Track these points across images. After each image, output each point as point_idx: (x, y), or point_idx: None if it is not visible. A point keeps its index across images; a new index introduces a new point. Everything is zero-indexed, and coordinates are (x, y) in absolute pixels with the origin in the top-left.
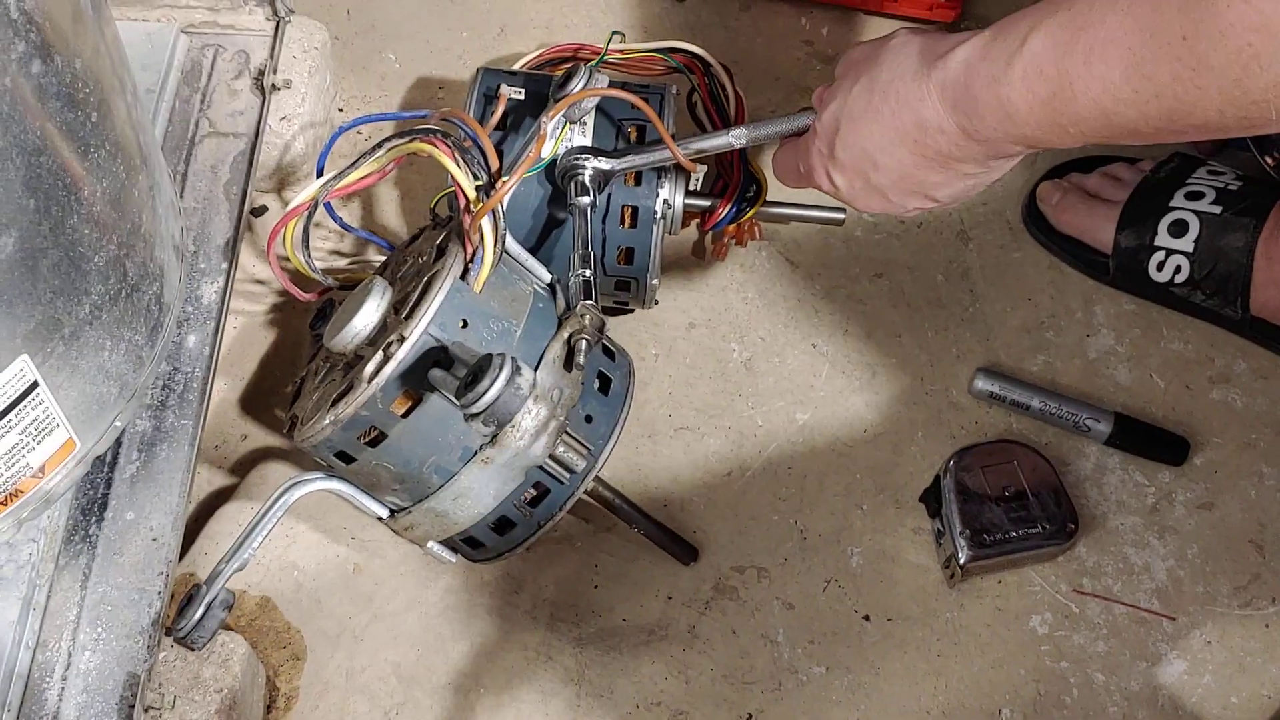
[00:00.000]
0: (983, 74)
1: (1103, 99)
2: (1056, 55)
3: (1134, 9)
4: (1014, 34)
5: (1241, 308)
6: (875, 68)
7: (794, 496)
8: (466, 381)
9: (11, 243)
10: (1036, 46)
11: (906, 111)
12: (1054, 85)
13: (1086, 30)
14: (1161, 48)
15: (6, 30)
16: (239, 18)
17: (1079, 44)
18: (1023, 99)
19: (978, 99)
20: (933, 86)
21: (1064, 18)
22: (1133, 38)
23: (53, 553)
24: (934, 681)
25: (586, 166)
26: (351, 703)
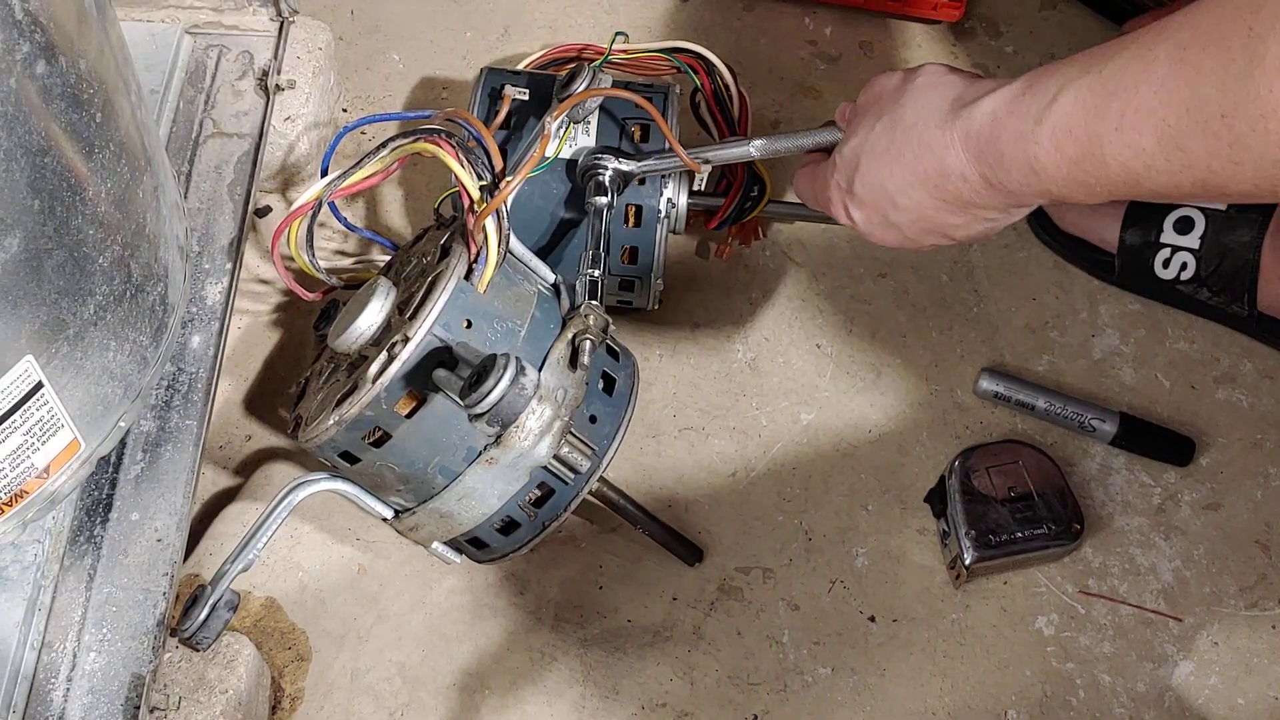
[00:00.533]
0: (1010, 129)
1: (1133, 164)
2: (1087, 118)
3: (1170, 81)
4: (1044, 91)
5: (1248, 304)
6: (899, 107)
7: (799, 497)
8: (471, 382)
9: (16, 243)
10: (1066, 106)
11: (929, 157)
12: (1083, 147)
13: (1119, 96)
14: (1197, 123)
15: (11, 31)
16: (243, 18)
17: (1111, 109)
18: (1050, 158)
19: (1003, 153)
20: (957, 135)
21: (1095, 80)
22: (1167, 109)
23: (58, 553)
24: (939, 683)
25: (607, 167)
26: (356, 703)
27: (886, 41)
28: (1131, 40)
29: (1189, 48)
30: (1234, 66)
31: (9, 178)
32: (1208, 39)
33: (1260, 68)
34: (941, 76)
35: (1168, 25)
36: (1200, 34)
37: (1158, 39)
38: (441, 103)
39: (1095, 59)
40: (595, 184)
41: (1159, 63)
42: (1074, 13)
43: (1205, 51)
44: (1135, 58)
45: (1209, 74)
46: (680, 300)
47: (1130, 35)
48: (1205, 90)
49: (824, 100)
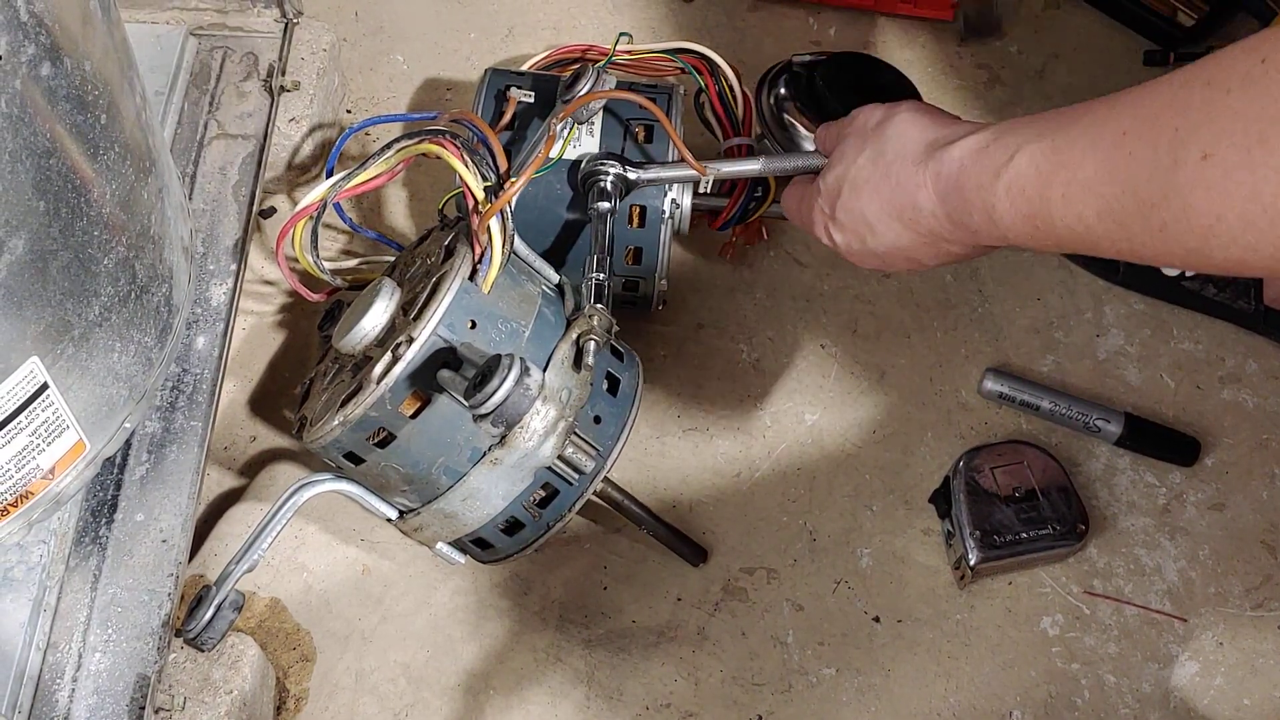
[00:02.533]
0: (973, 177)
1: (1078, 229)
2: (1038, 181)
3: (1110, 163)
4: (1005, 148)
5: (1255, 299)
6: (882, 141)
7: (803, 497)
8: (475, 382)
9: (21, 245)
10: (1022, 166)
11: (903, 194)
12: (1034, 207)
13: (1066, 168)
14: (1132, 206)
15: (17, 33)
16: (247, 20)
17: (1058, 178)
18: (1006, 210)
19: (967, 199)
20: (929, 176)
21: (1049, 147)
22: (1107, 188)
23: (63, 554)
24: (944, 683)
25: (608, 173)
26: (361, 704)
27: (890, 42)
28: (1086, 111)
29: (1129, 133)
30: (1162, 161)
31: (14, 179)
32: (1144, 128)
33: (1183, 169)
34: (920, 116)
35: (1119, 102)
36: (1139, 121)
37: (1109, 115)
38: (446, 104)
39: (1053, 125)
40: (597, 190)
41: (1104, 142)
42: (1076, 12)
43: (1141, 140)
44: (1085, 131)
45: (1142, 163)
46: (684, 301)
47: (1089, 105)
48: (1138, 177)
49: None
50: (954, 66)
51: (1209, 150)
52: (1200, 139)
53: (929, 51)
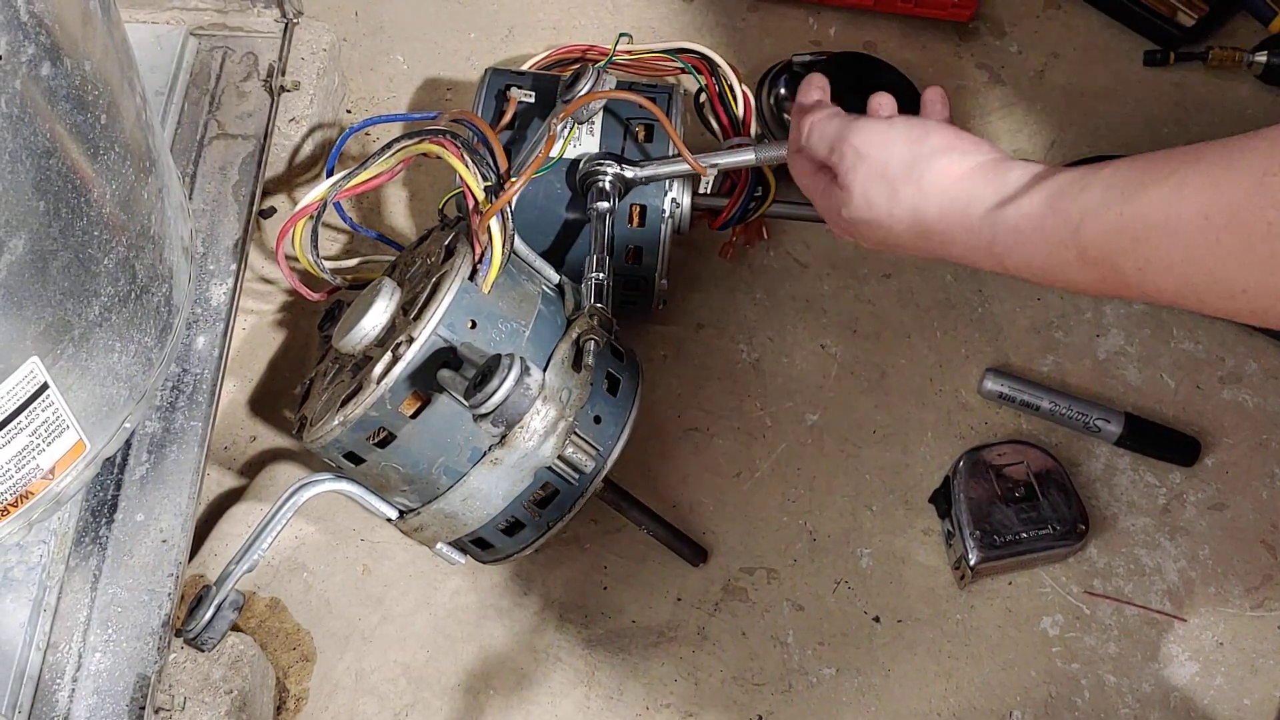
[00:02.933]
0: (1037, 248)
1: (1151, 293)
2: (1110, 252)
3: (1194, 247)
4: (1067, 218)
5: None
6: (922, 195)
7: (803, 497)
8: (475, 382)
9: (21, 245)
10: (1091, 236)
11: (950, 249)
12: (1105, 271)
13: (1144, 243)
14: (1220, 288)
15: (17, 33)
16: (247, 20)
17: (1132, 254)
18: (1074, 274)
19: (1030, 262)
20: (982, 244)
21: (1116, 219)
22: (1189, 268)
23: (63, 554)
24: (944, 683)
25: (607, 173)
26: (361, 704)
27: (891, 42)
28: (1152, 175)
29: (1211, 216)
30: (1258, 253)
31: (14, 179)
32: (1231, 217)
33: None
34: (958, 157)
35: (1191, 176)
36: (1223, 209)
37: (1180, 193)
38: (446, 104)
39: (1115, 189)
40: (596, 190)
41: (1183, 224)
42: (1077, 12)
43: (1229, 231)
44: (1159, 207)
45: (1231, 253)
46: (684, 301)
47: (1150, 165)
48: (1228, 266)
49: None
50: (954, 66)
51: None
52: None
53: (929, 52)
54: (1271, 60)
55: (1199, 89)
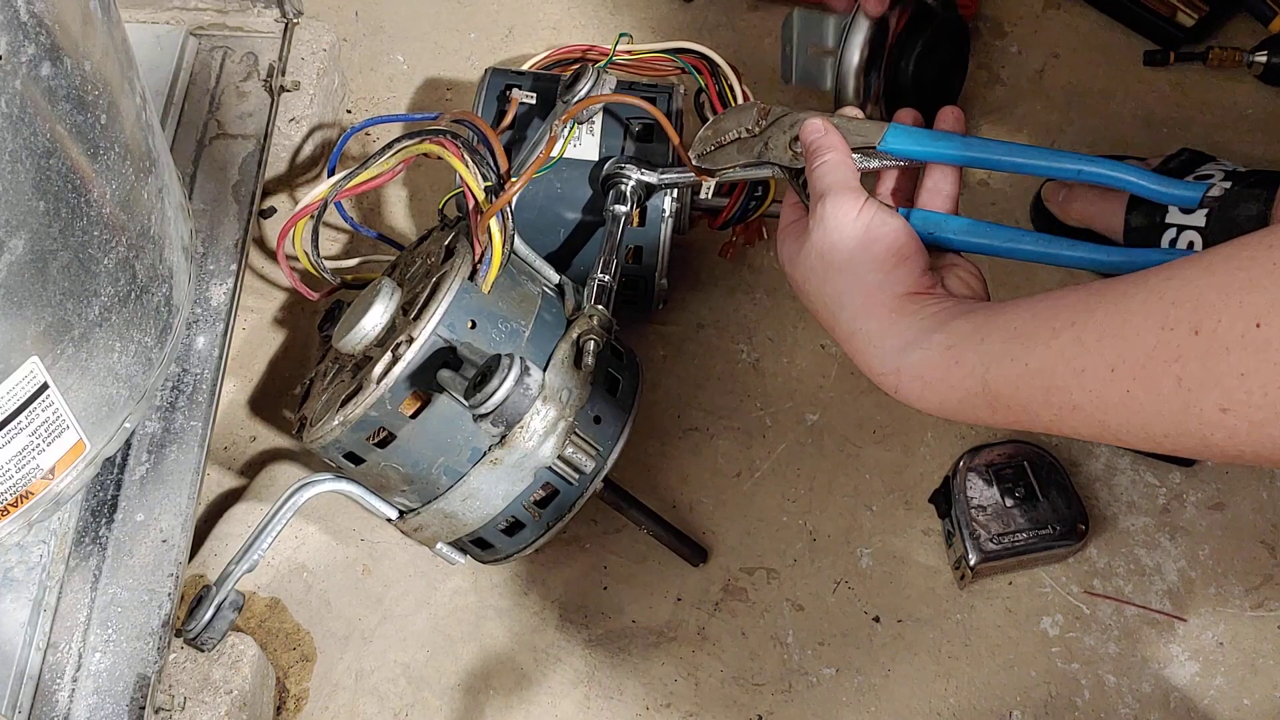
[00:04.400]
0: (943, 395)
1: (1068, 433)
2: (1023, 401)
3: (1105, 399)
4: (968, 369)
5: None
6: (840, 305)
7: (803, 497)
8: (475, 382)
9: (21, 245)
10: (999, 388)
11: (863, 360)
12: (1019, 417)
13: (1055, 393)
14: (1140, 434)
15: (16, 33)
16: (247, 19)
17: (1045, 404)
18: (985, 418)
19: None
20: (891, 375)
21: (1022, 371)
22: (1107, 417)
23: (63, 554)
24: (944, 683)
25: (630, 178)
26: (361, 704)
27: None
28: (1053, 329)
29: (1117, 369)
30: (1170, 407)
31: (14, 179)
32: (1138, 372)
33: (1198, 417)
34: (885, 290)
35: (1088, 330)
36: (1128, 362)
37: (1081, 346)
38: (446, 104)
39: (1019, 342)
40: (616, 193)
41: (1089, 377)
42: (1077, 12)
43: (1136, 382)
44: (1064, 360)
45: (1144, 403)
46: (684, 300)
47: (1051, 316)
48: (1146, 416)
49: (828, 100)
50: None
51: (1225, 405)
52: (1210, 398)
53: None
54: (1272, 60)
55: (1199, 89)
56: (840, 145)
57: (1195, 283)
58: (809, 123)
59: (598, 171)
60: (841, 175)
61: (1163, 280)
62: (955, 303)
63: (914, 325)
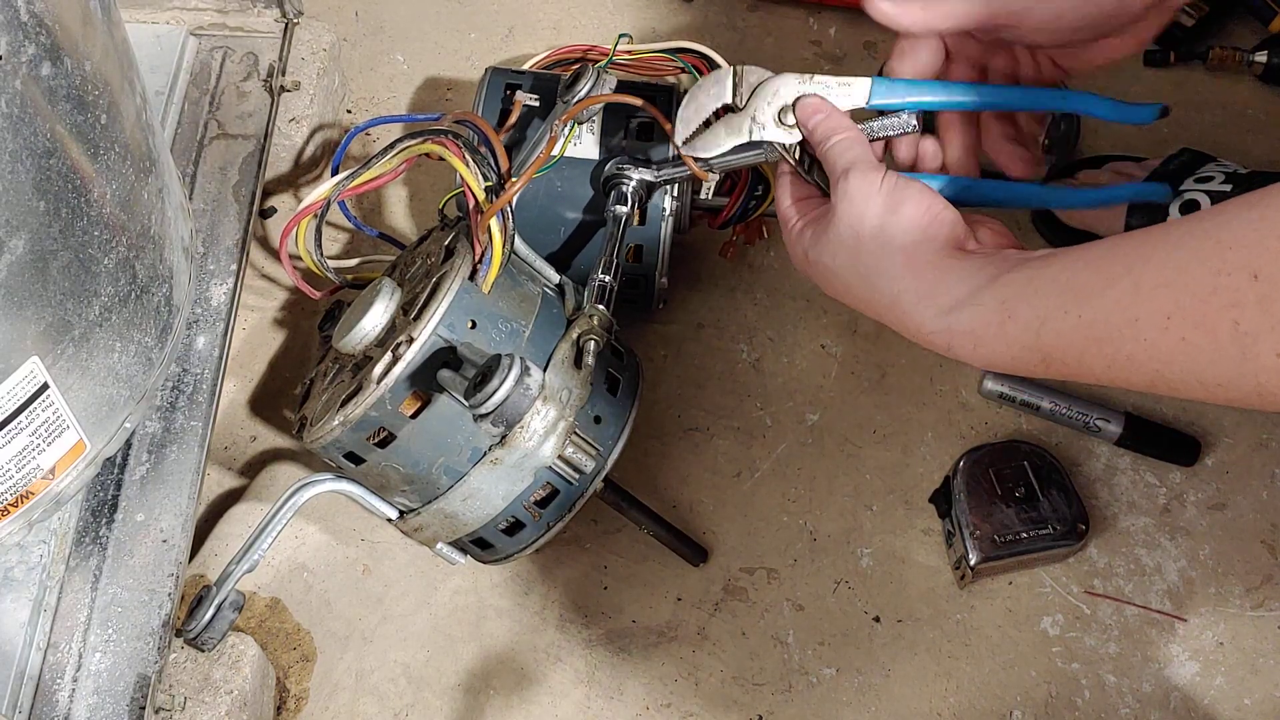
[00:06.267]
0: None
1: (1121, 383)
2: (1074, 355)
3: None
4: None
5: None
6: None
7: (803, 497)
8: (475, 382)
9: (22, 245)
10: (1051, 342)
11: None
12: (1073, 371)
13: (1108, 343)
14: (1193, 382)
15: (17, 33)
16: (247, 20)
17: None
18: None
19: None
20: (939, 339)
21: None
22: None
23: (63, 554)
24: (945, 683)
25: (631, 178)
26: (361, 704)
27: (891, 42)
28: (1108, 279)
29: (1174, 317)
30: (1227, 353)
31: (14, 179)
32: (1194, 319)
33: (1255, 362)
34: (922, 248)
35: (1144, 279)
36: (1184, 309)
37: (1136, 295)
38: (446, 104)
39: (1073, 293)
40: (617, 194)
41: (1146, 326)
42: None
43: (1193, 330)
44: (1119, 310)
45: (1203, 351)
46: (684, 300)
47: (1105, 266)
48: (1199, 364)
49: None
50: None
51: None
52: (1267, 343)
53: None
54: (1272, 60)
55: (1199, 89)
56: (845, 120)
57: (1254, 226)
58: (805, 103)
59: (599, 172)
60: (857, 151)
61: (1218, 225)
62: (1001, 256)
63: (962, 281)
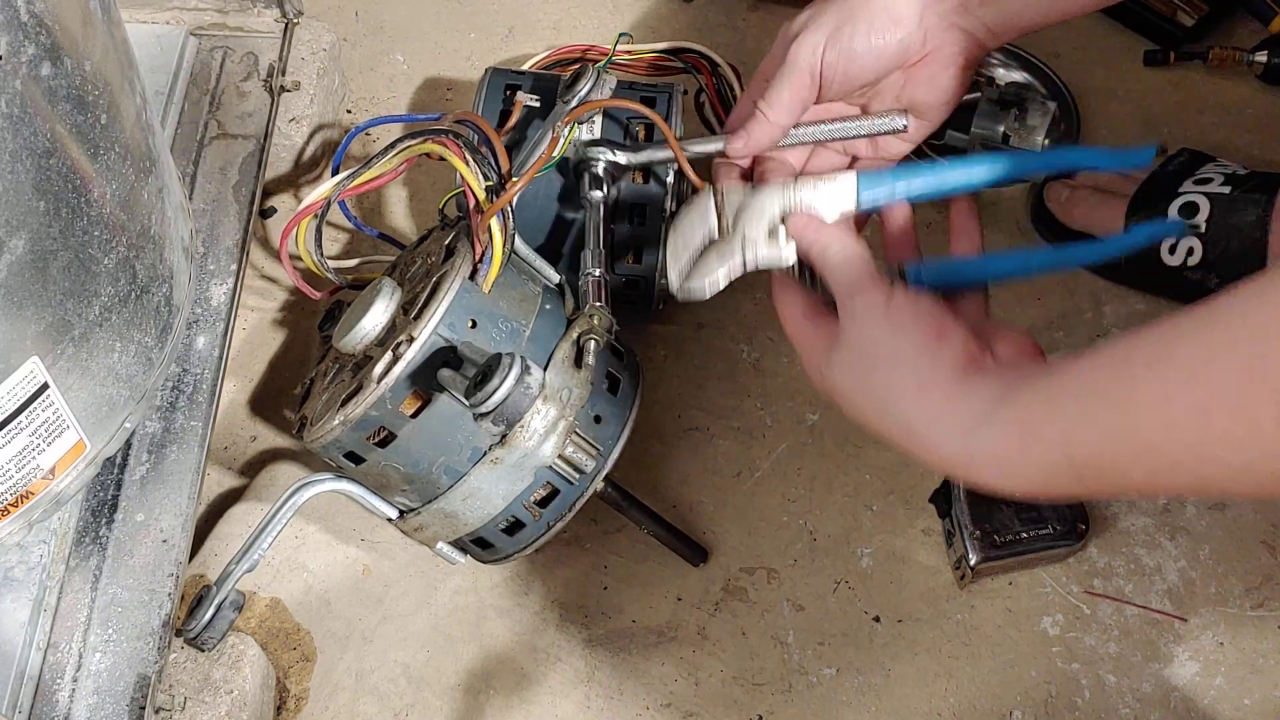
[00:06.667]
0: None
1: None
2: (1106, 464)
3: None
4: (1050, 442)
5: None
6: (889, 386)
7: (803, 497)
8: (476, 381)
9: (22, 245)
10: (1082, 454)
11: (915, 449)
12: (1107, 479)
13: (1146, 455)
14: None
15: (17, 33)
16: (247, 20)
17: (1135, 464)
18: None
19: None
20: (959, 463)
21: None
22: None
23: (63, 554)
24: (945, 683)
25: (600, 159)
26: (361, 704)
27: None
28: (1132, 379)
29: (1211, 410)
30: (1274, 440)
31: (14, 179)
32: (1233, 409)
33: None
34: (933, 370)
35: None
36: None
37: (1165, 391)
38: (446, 104)
39: (1096, 399)
40: (590, 177)
41: (1182, 425)
42: None
43: (1238, 420)
44: (1151, 413)
45: (1244, 441)
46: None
47: (1125, 367)
48: (1246, 456)
49: None
50: None
51: None
52: None
53: None
54: (1272, 60)
55: (1199, 89)
56: (838, 234)
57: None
58: (795, 221)
59: (567, 164)
60: (857, 268)
61: (1244, 306)
62: (1014, 369)
63: (977, 402)
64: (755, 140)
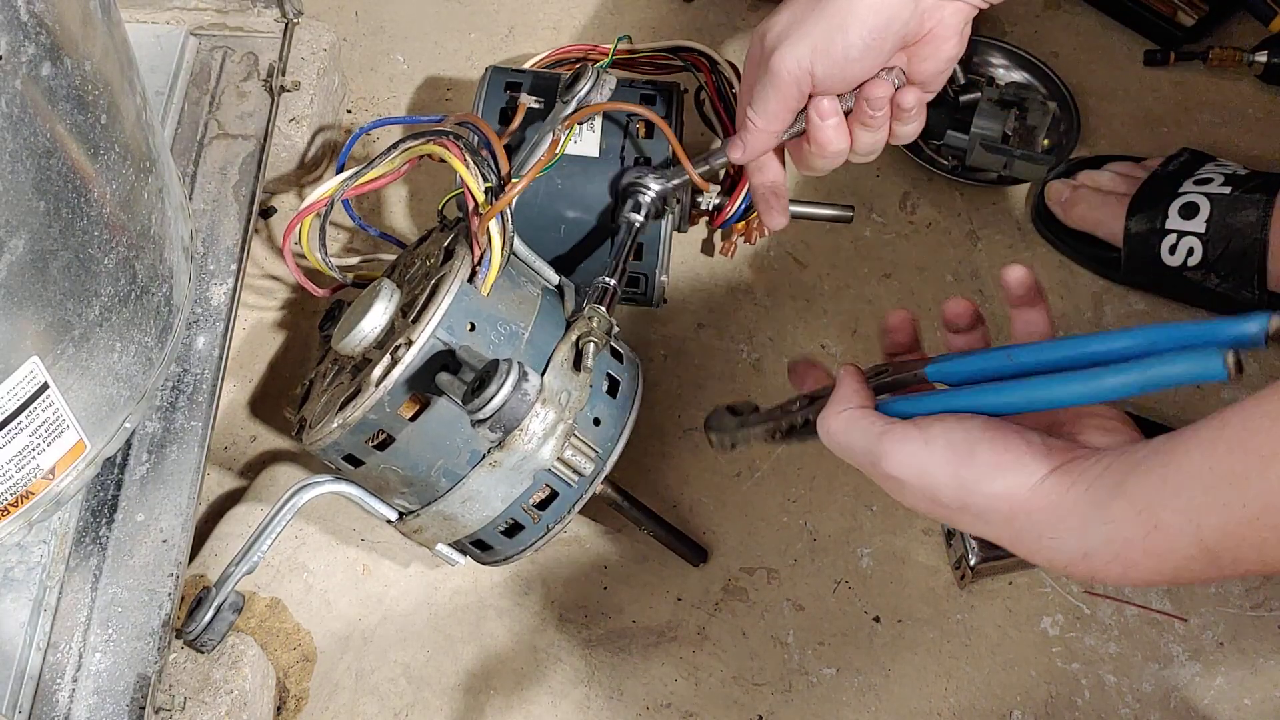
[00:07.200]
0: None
1: None
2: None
3: None
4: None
5: (1258, 286)
6: (946, 508)
7: (803, 497)
8: (473, 387)
9: (22, 245)
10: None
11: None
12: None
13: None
14: None
15: (17, 33)
16: (247, 20)
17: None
18: None
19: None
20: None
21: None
22: None
23: (63, 554)
24: (945, 683)
25: (651, 189)
26: (361, 704)
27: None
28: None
29: None
30: None
31: (14, 179)
32: None
33: None
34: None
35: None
36: None
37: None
38: (446, 104)
39: (1227, 481)
40: (634, 202)
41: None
42: (1077, 12)
43: None
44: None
45: None
46: (684, 300)
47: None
48: None
49: None
50: None
51: None
52: None
53: None
54: (1271, 60)
55: (1199, 89)
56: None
57: None
58: None
59: (614, 177)
60: (864, 421)
61: None
62: (1113, 457)
63: (1080, 502)
64: (751, 148)
